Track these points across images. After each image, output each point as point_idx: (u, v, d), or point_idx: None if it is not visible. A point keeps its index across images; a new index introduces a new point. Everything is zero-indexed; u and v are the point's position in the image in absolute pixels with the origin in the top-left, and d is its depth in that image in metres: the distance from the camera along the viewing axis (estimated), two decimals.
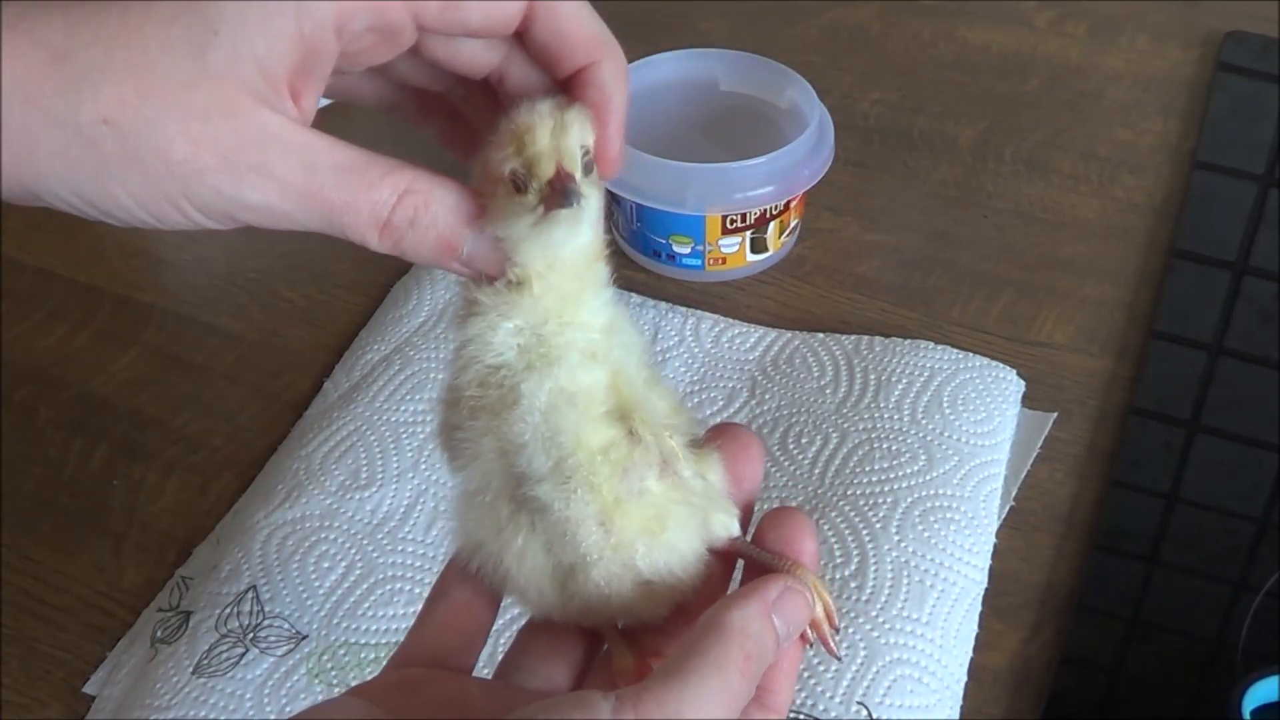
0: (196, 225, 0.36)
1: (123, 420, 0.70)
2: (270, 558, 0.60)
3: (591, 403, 0.38)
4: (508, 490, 0.38)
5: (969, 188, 0.81)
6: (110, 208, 0.35)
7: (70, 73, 0.34)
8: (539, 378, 0.37)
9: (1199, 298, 0.73)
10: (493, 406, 0.38)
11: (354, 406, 0.67)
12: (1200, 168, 0.81)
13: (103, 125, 0.34)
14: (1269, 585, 0.59)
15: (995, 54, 0.92)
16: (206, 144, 0.34)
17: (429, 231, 0.37)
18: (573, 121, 0.37)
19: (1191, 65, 0.90)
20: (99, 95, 0.34)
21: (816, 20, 0.95)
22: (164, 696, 0.56)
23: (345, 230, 0.37)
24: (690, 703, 0.33)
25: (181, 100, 0.34)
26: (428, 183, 0.37)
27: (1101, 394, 0.69)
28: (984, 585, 0.59)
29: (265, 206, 0.36)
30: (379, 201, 0.36)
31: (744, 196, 0.71)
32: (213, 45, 0.34)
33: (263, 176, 0.35)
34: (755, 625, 0.36)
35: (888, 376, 0.67)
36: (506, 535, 0.38)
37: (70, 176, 0.35)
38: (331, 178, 0.36)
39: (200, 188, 0.35)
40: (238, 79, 0.34)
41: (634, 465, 0.38)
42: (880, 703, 0.54)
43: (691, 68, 0.78)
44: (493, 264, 0.38)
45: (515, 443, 0.38)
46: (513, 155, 0.36)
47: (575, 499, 0.38)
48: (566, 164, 0.36)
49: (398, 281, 0.76)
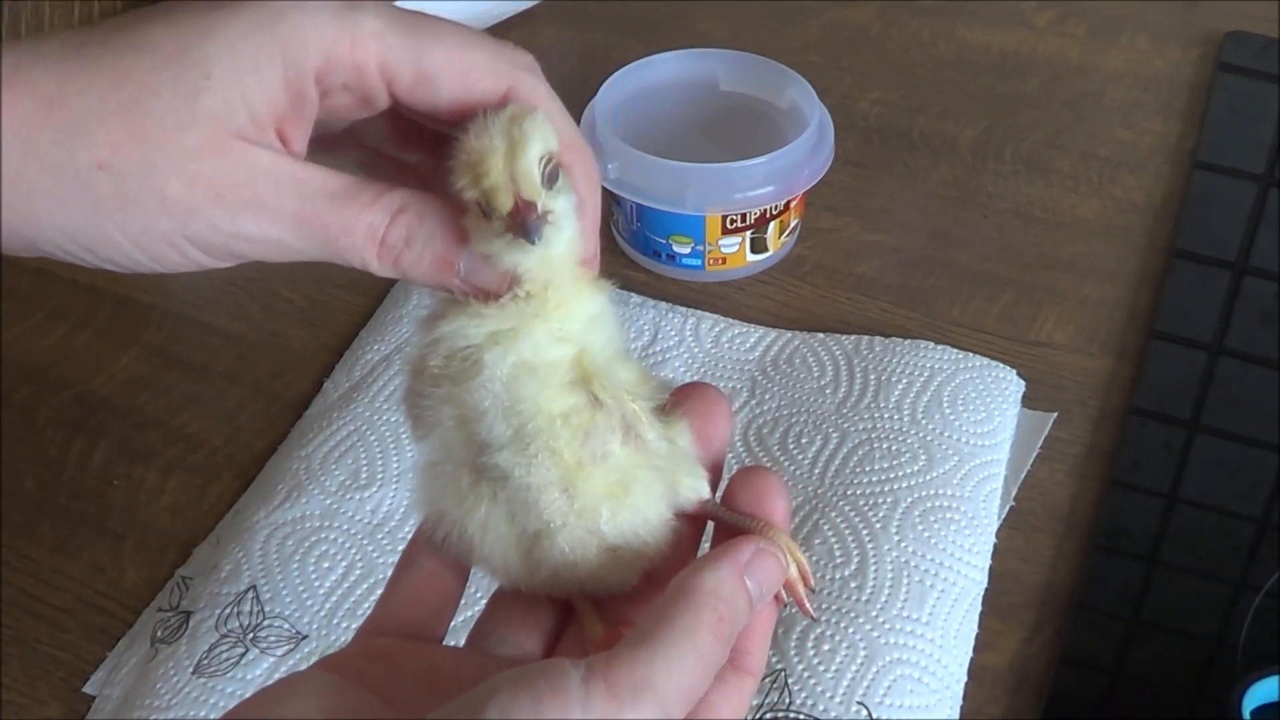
0: (197, 265, 0.37)
1: (123, 420, 0.70)
2: (270, 558, 0.60)
3: (553, 372, 0.38)
4: (469, 460, 0.38)
5: (969, 188, 0.81)
6: (109, 253, 0.36)
7: (64, 119, 0.34)
8: (502, 350, 0.37)
9: (1199, 298, 0.73)
10: (454, 376, 0.38)
11: (354, 406, 0.67)
12: (1200, 168, 0.81)
13: (98, 170, 0.34)
14: (1269, 585, 0.59)
15: (995, 54, 0.92)
16: (201, 182, 0.35)
17: (425, 249, 0.38)
18: (524, 138, 0.36)
19: (1191, 65, 0.90)
20: (94, 140, 0.34)
21: (816, 20, 0.95)
22: (164, 696, 0.56)
23: (344, 254, 0.37)
24: (662, 667, 0.33)
25: (175, 142, 0.35)
26: (420, 201, 0.38)
27: (1101, 394, 0.69)
28: (984, 585, 0.59)
29: (262, 237, 0.36)
30: (374, 223, 0.37)
31: (744, 196, 0.71)
32: (205, 89, 0.35)
33: (257, 209, 0.36)
34: (727, 588, 0.36)
35: (888, 376, 0.67)
36: (469, 505, 0.38)
37: (68, 223, 0.35)
38: (326, 204, 0.37)
39: (197, 225, 0.36)
40: (229, 121, 0.35)
41: (596, 429, 0.38)
42: (880, 703, 0.54)
43: (691, 68, 0.78)
44: (491, 279, 0.38)
45: (475, 410, 0.37)
46: (470, 186, 0.36)
47: (536, 464, 0.37)
48: (524, 192, 0.35)
49: (398, 281, 0.76)
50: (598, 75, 0.76)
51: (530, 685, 0.32)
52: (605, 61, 0.82)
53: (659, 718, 0.32)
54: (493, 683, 0.32)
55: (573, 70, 0.92)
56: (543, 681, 0.32)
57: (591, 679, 0.32)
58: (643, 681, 0.32)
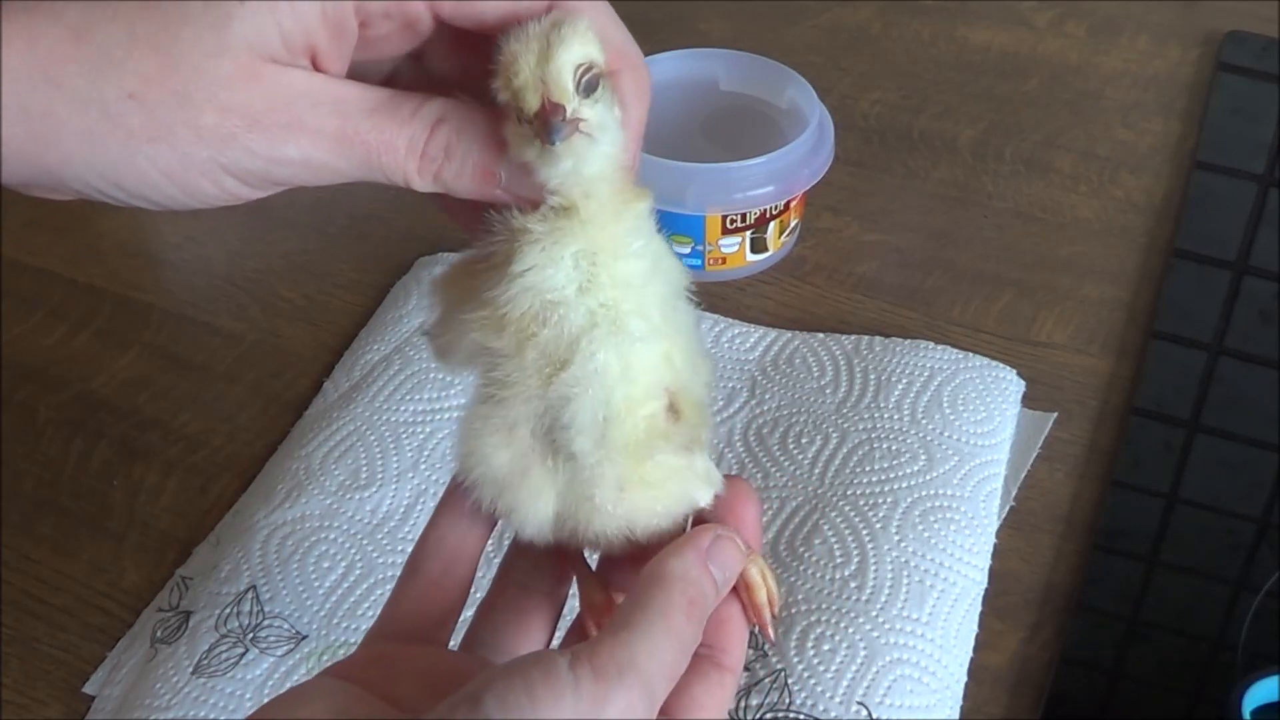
0: (233, 196, 0.36)
1: (123, 420, 0.70)
2: (270, 558, 0.60)
3: (647, 376, 0.38)
4: (539, 428, 0.38)
5: (969, 188, 0.81)
6: (140, 187, 0.35)
7: (92, 51, 0.34)
8: (601, 340, 0.37)
9: (1199, 298, 0.73)
10: (546, 347, 0.37)
11: (354, 406, 0.67)
12: (1200, 168, 0.81)
13: (129, 100, 0.34)
14: (1269, 585, 0.59)
15: (995, 54, 0.92)
16: (235, 109, 0.34)
17: (466, 159, 0.37)
18: (559, 42, 0.35)
19: (1191, 65, 0.90)
20: (123, 71, 0.34)
21: (816, 20, 0.95)
22: (164, 696, 0.56)
23: (386, 170, 0.37)
24: (642, 648, 0.34)
25: (206, 70, 0.34)
26: (458, 111, 0.37)
27: (1101, 394, 0.69)
28: (984, 585, 0.59)
29: (303, 159, 0.35)
30: (414, 136, 0.36)
31: (744, 196, 0.71)
32: (237, 16, 0.34)
33: (297, 130, 0.35)
34: (694, 572, 0.37)
35: (888, 376, 0.67)
36: (523, 467, 0.39)
37: (98, 158, 0.34)
38: (366, 120, 0.36)
39: (235, 152, 0.35)
40: (262, 49, 0.34)
41: (668, 441, 0.39)
42: (880, 703, 0.54)
43: (691, 68, 0.78)
44: (534, 189, 0.37)
45: (567, 392, 0.37)
46: (503, 88, 0.35)
47: (608, 459, 0.38)
48: (553, 94, 0.35)
49: (398, 282, 0.76)
50: None
51: (524, 674, 0.33)
52: None
53: (643, 694, 0.34)
54: (488, 674, 0.33)
55: None
56: (535, 670, 0.33)
57: (578, 664, 0.33)
58: (625, 662, 0.34)
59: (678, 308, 0.40)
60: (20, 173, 0.35)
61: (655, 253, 0.39)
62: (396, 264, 0.77)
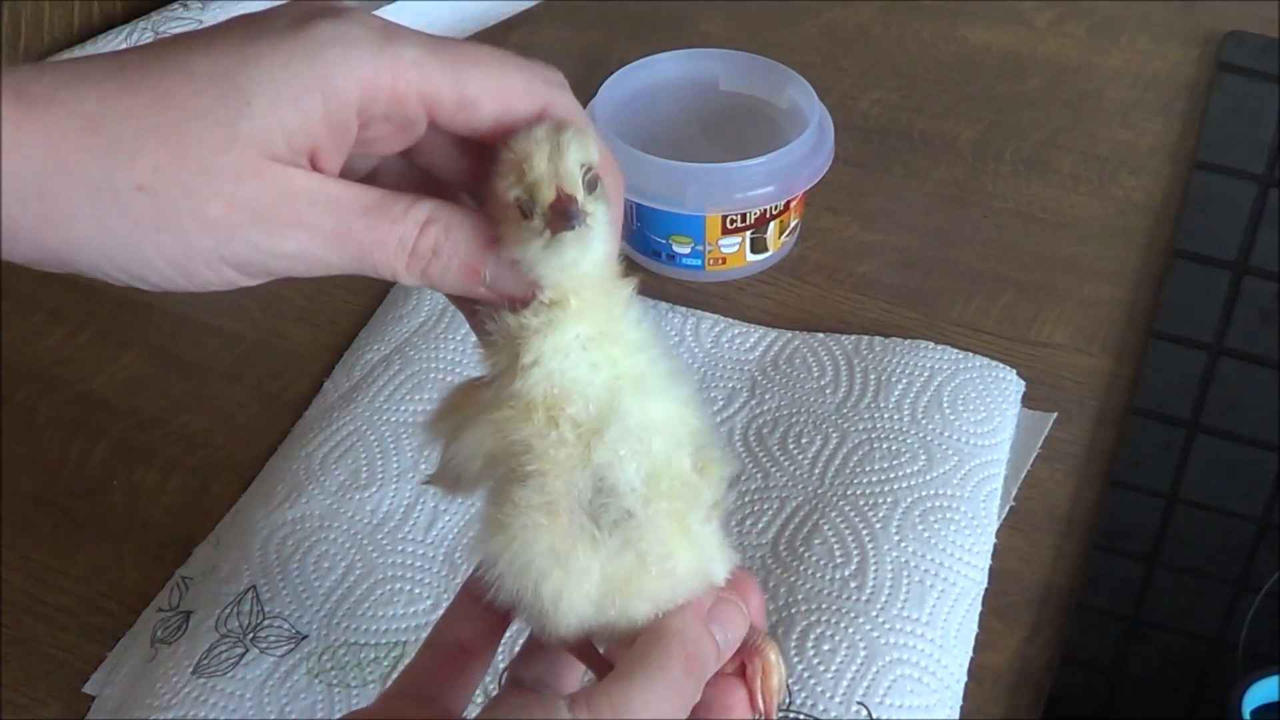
0: (229, 284, 0.38)
1: (123, 420, 0.70)
2: (270, 558, 0.60)
3: (673, 432, 0.40)
4: (580, 504, 0.39)
5: (969, 188, 0.81)
6: (145, 272, 0.37)
7: (105, 141, 0.35)
8: (634, 397, 0.39)
9: (1199, 298, 0.73)
10: (579, 418, 0.39)
11: (354, 406, 0.67)
12: (1200, 168, 0.81)
13: (138, 191, 0.35)
14: (1269, 585, 0.59)
15: (995, 54, 0.92)
16: (240, 204, 0.36)
17: (452, 258, 0.39)
18: (569, 142, 0.38)
19: (1191, 65, 0.90)
20: (134, 162, 0.35)
21: (816, 20, 0.95)
22: (164, 696, 0.56)
23: (376, 267, 0.38)
24: (638, 694, 0.36)
25: (215, 165, 0.35)
26: (446, 212, 0.39)
27: (1101, 394, 0.69)
28: (984, 585, 0.59)
29: (300, 254, 0.37)
30: (404, 235, 0.38)
31: (744, 196, 0.71)
32: (245, 114, 0.36)
33: (295, 227, 0.37)
34: (693, 629, 0.39)
35: (888, 376, 0.67)
36: (567, 547, 0.39)
37: (106, 243, 0.36)
38: (359, 219, 0.37)
39: (237, 244, 0.36)
40: (267, 147, 0.36)
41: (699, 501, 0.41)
42: (880, 703, 0.54)
43: (691, 68, 0.78)
44: (517, 286, 0.39)
45: (612, 454, 0.39)
46: (514, 183, 0.38)
47: (656, 519, 0.39)
48: (566, 186, 0.37)
49: (397, 282, 0.75)
50: (598, 75, 0.76)
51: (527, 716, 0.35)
52: (605, 61, 0.82)
53: None
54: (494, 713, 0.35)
55: (573, 70, 0.90)
56: (537, 710, 0.35)
57: (576, 707, 0.35)
58: (620, 706, 0.36)
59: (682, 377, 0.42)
60: (28, 253, 0.36)
61: (649, 329, 0.41)
62: None
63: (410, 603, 0.59)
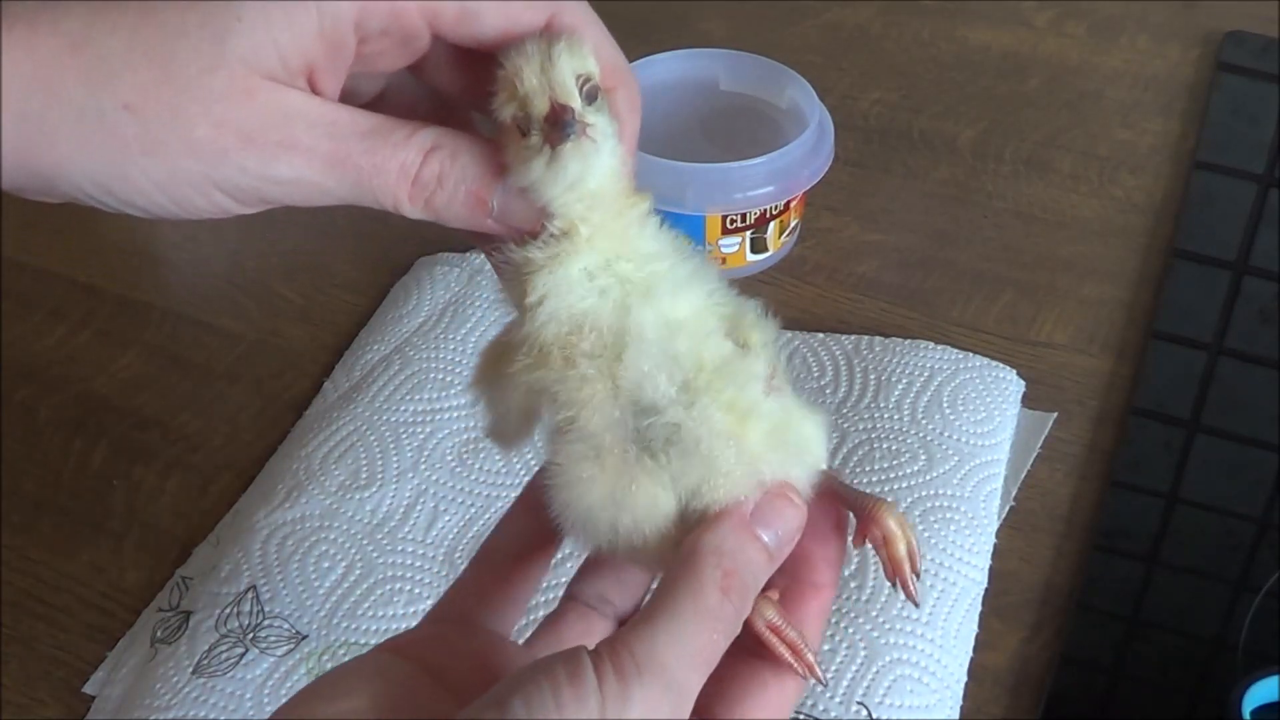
0: (222, 211, 0.36)
1: (123, 420, 0.70)
2: (270, 558, 0.60)
3: (700, 324, 0.38)
4: (626, 434, 0.37)
5: (969, 188, 0.81)
6: (131, 196, 0.35)
7: (90, 61, 0.34)
8: (643, 307, 0.37)
9: (1199, 298, 0.73)
10: (594, 350, 0.37)
11: (354, 406, 0.67)
12: (1200, 168, 0.81)
13: (124, 111, 0.34)
14: (1269, 585, 0.59)
15: (995, 54, 0.92)
16: (229, 125, 0.34)
17: (458, 187, 0.37)
18: (561, 53, 0.36)
19: (1191, 65, 0.90)
20: (119, 82, 0.34)
21: (816, 20, 0.95)
22: (164, 696, 0.56)
23: (376, 194, 0.37)
24: (664, 640, 0.33)
25: (202, 84, 0.34)
26: (452, 139, 0.37)
27: (1101, 394, 0.69)
28: (984, 585, 0.59)
29: (294, 179, 0.36)
30: (407, 162, 0.36)
31: (744, 196, 0.71)
32: (234, 32, 0.34)
33: (289, 150, 0.35)
34: (730, 541, 0.35)
35: (888, 376, 0.67)
36: (627, 481, 0.37)
37: (91, 165, 0.35)
38: (358, 143, 0.36)
39: (226, 168, 0.35)
40: (259, 65, 0.35)
41: (751, 374, 0.38)
42: (880, 703, 0.54)
43: (691, 68, 0.78)
44: (527, 216, 0.37)
45: (637, 373, 0.37)
46: (508, 100, 0.36)
47: (706, 414, 0.37)
48: (559, 96, 0.35)
49: (398, 281, 0.76)
50: None
51: (550, 675, 0.32)
52: None
53: (664, 690, 0.32)
54: (516, 675, 0.32)
55: None
56: (562, 671, 0.32)
57: (600, 661, 0.32)
58: (644, 656, 0.32)
59: (705, 273, 0.39)
60: (14, 176, 0.35)
61: (666, 238, 0.39)
62: (396, 264, 0.77)
63: (410, 603, 0.59)
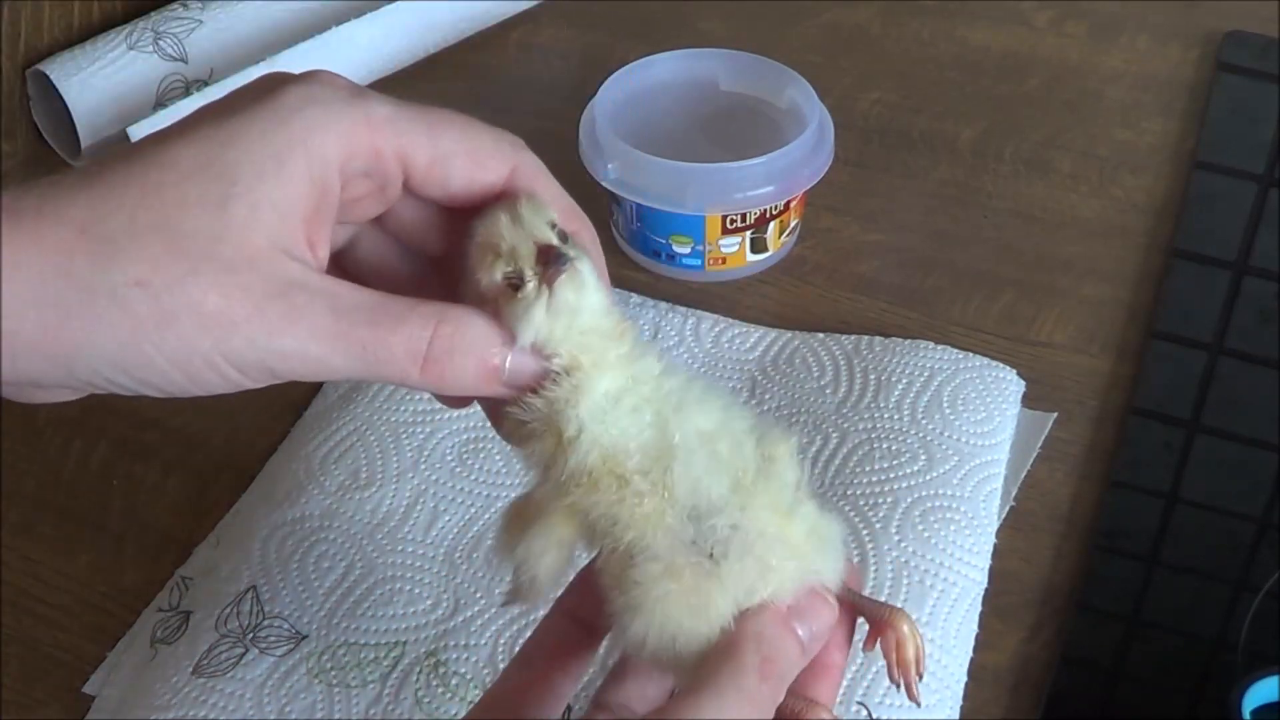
0: (234, 386, 0.37)
1: (123, 420, 0.70)
2: (270, 558, 0.60)
3: (730, 433, 0.40)
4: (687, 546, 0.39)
5: (969, 188, 0.81)
6: (146, 374, 0.36)
7: (98, 241, 0.34)
8: (680, 419, 0.39)
9: (1199, 298, 0.73)
10: (643, 465, 0.38)
11: (354, 406, 0.67)
12: (1200, 168, 0.81)
13: (135, 288, 0.34)
14: (1269, 585, 0.59)
15: (995, 54, 0.92)
16: (237, 294, 0.35)
17: (468, 358, 0.38)
18: (526, 208, 0.39)
19: (1191, 65, 0.90)
20: (129, 258, 0.34)
21: (816, 20, 0.95)
22: (164, 696, 0.56)
23: (381, 368, 0.37)
24: (710, 708, 0.35)
25: (209, 254, 0.35)
26: (458, 311, 0.38)
27: (1101, 394, 0.69)
28: (984, 585, 0.59)
29: (299, 352, 0.36)
30: (412, 336, 0.37)
31: (744, 196, 0.71)
32: (232, 197, 0.35)
33: (294, 321, 0.36)
34: (770, 631, 0.38)
35: (888, 376, 0.67)
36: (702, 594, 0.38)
37: (106, 344, 0.35)
38: (359, 316, 0.37)
39: (235, 340, 0.36)
40: (260, 228, 0.35)
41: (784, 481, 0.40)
42: (880, 703, 0.54)
43: (691, 68, 0.78)
44: (536, 371, 0.39)
45: (691, 480, 0.38)
46: (494, 262, 0.38)
47: (757, 515, 0.39)
48: (542, 238, 0.38)
49: None
50: (598, 75, 0.76)
51: None
52: (605, 61, 0.82)
53: None
54: None
55: (573, 70, 0.92)
56: None
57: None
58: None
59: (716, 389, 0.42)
60: (33, 366, 0.35)
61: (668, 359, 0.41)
62: None
63: (410, 603, 0.59)
